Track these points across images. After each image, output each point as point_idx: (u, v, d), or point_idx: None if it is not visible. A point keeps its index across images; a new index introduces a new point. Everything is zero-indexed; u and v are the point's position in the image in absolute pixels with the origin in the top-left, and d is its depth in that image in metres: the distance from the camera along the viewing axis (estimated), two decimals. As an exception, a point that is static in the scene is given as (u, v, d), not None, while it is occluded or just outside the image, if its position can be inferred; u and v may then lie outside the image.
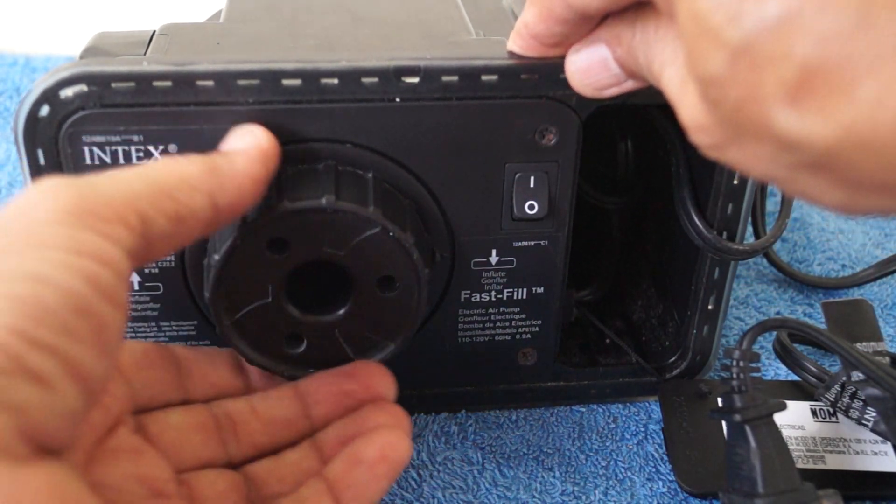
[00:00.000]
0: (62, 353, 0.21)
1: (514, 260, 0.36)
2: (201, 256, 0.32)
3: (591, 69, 0.28)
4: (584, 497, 0.36)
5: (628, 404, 0.41)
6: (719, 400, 0.34)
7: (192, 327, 0.36)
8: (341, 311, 0.33)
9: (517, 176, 0.34)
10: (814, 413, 0.39)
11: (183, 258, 0.33)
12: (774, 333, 0.41)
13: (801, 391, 0.40)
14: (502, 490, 0.36)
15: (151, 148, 0.31)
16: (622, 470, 0.38)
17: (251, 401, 0.33)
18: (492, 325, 0.37)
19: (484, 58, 0.31)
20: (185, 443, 0.31)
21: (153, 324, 0.35)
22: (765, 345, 0.44)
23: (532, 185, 0.34)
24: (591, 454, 0.38)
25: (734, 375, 0.33)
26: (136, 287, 0.34)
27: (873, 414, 0.37)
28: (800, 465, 0.36)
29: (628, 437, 0.39)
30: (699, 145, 0.24)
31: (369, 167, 0.32)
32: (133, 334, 0.35)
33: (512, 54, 0.31)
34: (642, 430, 0.40)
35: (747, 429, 0.33)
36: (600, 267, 0.45)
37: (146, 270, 0.34)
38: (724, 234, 0.36)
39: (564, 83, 0.30)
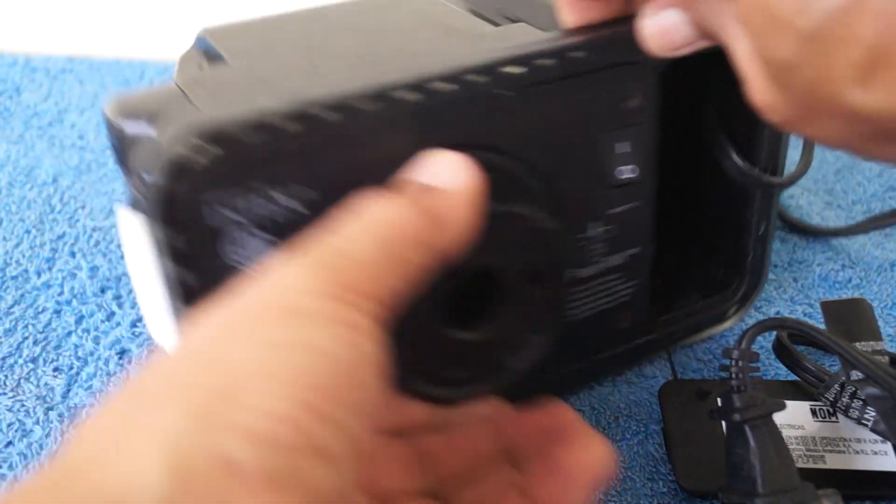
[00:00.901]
0: (346, 427, 0.20)
1: (615, 227, 0.36)
2: None
3: (667, 32, 0.29)
4: (583, 497, 0.36)
5: (629, 404, 0.41)
6: (719, 400, 0.34)
7: None
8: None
9: (614, 144, 0.34)
10: (813, 413, 0.39)
11: None
12: (774, 333, 0.41)
13: (800, 391, 0.40)
14: (502, 490, 0.36)
15: (280, 195, 0.27)
16: (622, 470, 0.38)
17: (448, 433, 0.31)
18: (594, 297, 0.37)
19: (565, 37, 0.32)
20: (381, 470, 0.29)
21: None
22: (765, 345, 0.44)
23: (628, 150, 0.34)
24: (591, 454, 0.38)
25: (733, 375, 0.33)
26: None
27: (873, 414, 0.37)
28: (800, 464, 0.36)
29: (628, 436, 0.39)
30: (772, 122, 0.25)
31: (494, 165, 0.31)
32: None
33: (573, 30, 0.32)
34: (642, 429, 0.40)
35: (747, 428, 0.33)
36: None
37: None
38: (767, 171, 0.40)
39: (639, 47, 0.30)
